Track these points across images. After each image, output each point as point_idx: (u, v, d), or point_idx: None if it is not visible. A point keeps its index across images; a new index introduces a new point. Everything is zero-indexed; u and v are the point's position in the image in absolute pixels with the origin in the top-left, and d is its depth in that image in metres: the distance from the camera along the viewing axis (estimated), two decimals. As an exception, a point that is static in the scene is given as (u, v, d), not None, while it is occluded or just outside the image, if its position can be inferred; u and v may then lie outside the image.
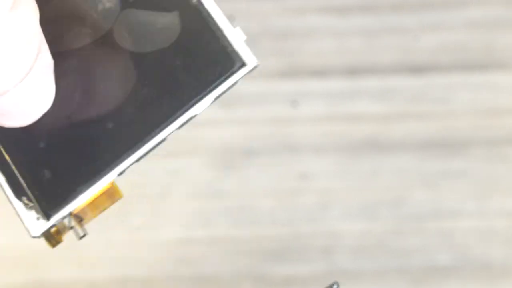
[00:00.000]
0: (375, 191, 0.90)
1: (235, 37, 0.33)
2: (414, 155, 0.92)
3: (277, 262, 0.88)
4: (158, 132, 0.34)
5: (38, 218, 0.35)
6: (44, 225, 0.34)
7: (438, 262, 0.88)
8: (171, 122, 0.34)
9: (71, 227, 0.36)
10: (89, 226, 0.97)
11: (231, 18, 0.33)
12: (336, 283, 0.36)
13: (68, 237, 0.94)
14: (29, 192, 0.35)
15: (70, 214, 0.36)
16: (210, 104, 0.34)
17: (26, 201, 0.36)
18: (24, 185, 0.35)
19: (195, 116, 0.34)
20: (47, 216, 0.35)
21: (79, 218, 0.36)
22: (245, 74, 0.33)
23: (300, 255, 0.88)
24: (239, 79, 0.33)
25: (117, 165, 0.34)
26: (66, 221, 0.36)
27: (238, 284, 0.88)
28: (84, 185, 0.34)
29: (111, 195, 0.37)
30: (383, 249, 0.88)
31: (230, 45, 0.33)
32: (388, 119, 0.93)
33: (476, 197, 0.90)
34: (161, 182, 0.91)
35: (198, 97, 0.33)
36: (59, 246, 0.36)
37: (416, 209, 0.90)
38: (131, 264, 0.89)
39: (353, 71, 0.95)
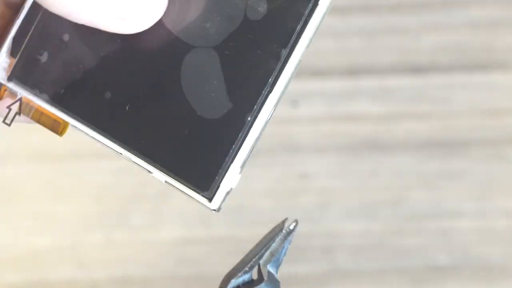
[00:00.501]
0: (375, 191, 0.90)
1: None
2: (414, 155, 0.92)
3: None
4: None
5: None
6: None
7: (437, 262, 0.88)
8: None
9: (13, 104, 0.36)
10: (89, 226, 0.97)
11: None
12: (296, 221, 0.37)
13: (69, 237, 0.94)
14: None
15: (21, 99, 0.36)
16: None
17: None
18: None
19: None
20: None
21: (21, 108, 0.37)
22: None
23: (300, 255, 0.88)
24: None
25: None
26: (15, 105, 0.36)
27: (238, 284, 0.87)
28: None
29: (55, 125, 0.37)
30: (383, 249, 0.88)
31: None
32: (388, 119, 0.93)
33: (476, 197, 0.90)
34: (161, 182, 0.91)
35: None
36: (59, 246, 0.36)
37: (415, 209, 0.90)
38: (131, 264, 0.89)
39: (353, 71, 0.95)
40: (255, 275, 0.35)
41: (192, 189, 0.37)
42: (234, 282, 0.34)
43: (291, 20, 0.36)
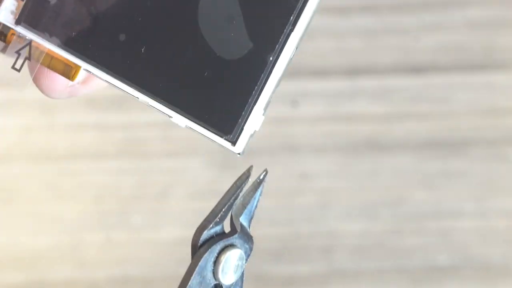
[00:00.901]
0: (375, 191, 0.90)
1: None
2: (414, 155, 0.92)
3: (277, 262, 0.88)
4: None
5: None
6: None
7: (437, 262, 0.88)
8: None
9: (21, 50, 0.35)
10: (89, 226, 0.97)
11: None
12: (266, 170, 0.37)
13: (69, 237, 0.94)
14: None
15: (30, 42, 0.35)
16: None
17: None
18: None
19: None
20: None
21: (30, 53, 0.35)
22: None
23: (300, 255, 0.88)
24: None
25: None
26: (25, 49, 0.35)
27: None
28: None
29: (67, 69, 0.36)
30: (383, 249, 0.89)
31: None
32: (388, 119, 0.93)
33: (476, 197, 0.90)
34: (161, 182, 0.91)
35: None
36: (59, 246, 0.36)
37: (415, 209, 0.90)
38: (131, 264, 0.89)
39: (353, 71, 0.95)
40: (227, 228, 0.35)
41: (215, 133, 0.35)
42: (206, 233, 0.34)
43: None
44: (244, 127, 0.35)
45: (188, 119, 0.36)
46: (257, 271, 0.88)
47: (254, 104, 0.35)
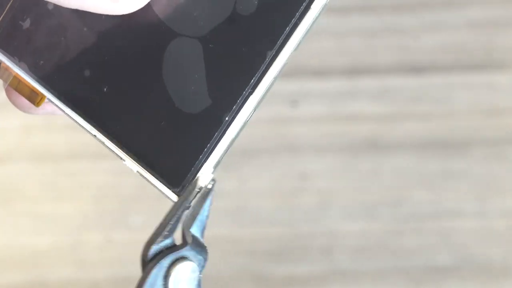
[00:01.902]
0: (375, 191, 0.90)
1: None
2: (414, 155, 0.92)
3: (277, 262, 0.88)
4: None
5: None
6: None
7: (438, 262, 0.88)
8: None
9: None
10: (89, 226, 0.97)
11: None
12: (214, 179, 0.36)
13: (69, 237, 0.94)
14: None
15: None
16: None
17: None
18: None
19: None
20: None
21: (0, 73, 0.36)
22: None
23: (300, 255, 0.88)
24: None
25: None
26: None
27: (238, 284, 0.88)
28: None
29: (32, 95, 0.36)
30: (383, 249, 0.89)
31: None
32: (388, 119, 0.93)
33: (476, 197, 0.90)
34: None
35: None
36: (59, 246, 0.36)
37: (416, 209, 0.90)
38: (131, 264, 0.89)
39: (353, 71, 0.95)
40: (179, 240, 0.34)
41: (163, 183, 0.35)
42: (155, 247, 0.33)
43: (281, 20, 0.33)
44: (192, 183, 0.35)
45: (140, 165, 0.35)
46: (257, 271, 0.88)
47: (205, 161, 0.34)
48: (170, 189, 0.35)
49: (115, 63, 0.34)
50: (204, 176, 0.35)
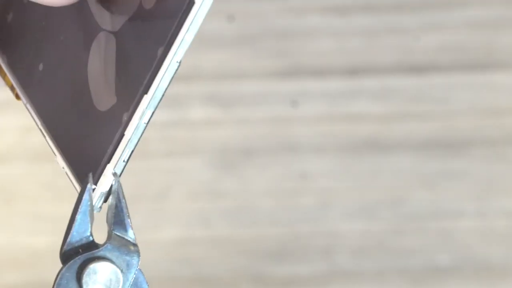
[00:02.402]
0: (375, 191, 0.90)
1: None
2: (414, 155, 0.92)
3: (277, 262, 0.88)
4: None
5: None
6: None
7: (438, 262, 0.88)
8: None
9: None
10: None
11: (231, 18, 0.33)
12: (115, 173, 0.34)
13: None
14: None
15: None
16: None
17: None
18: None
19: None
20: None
21: None
22: None
23: (300, 255, 0.88)
24: None
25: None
26: None
27: (238, 284, 0.88)
28: None
29: (13, 87, 0.36)
30: (383, 249, 0.88)
31: None
32: (388, 119, 0.93)
33: (476, 197, 0.90)
34: (161, 182, 0.91)
35: None
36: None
37: (416, 209, 0.90)
38: (131, 264, 0.89)
39: (353, 71, 0.95)
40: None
41: (78, 183, 0.35)
42: (70, 247, 0.32)
43: (170, 17, 0.32)
44: (97, 185, 0.34)
45: (64, 161, 0.35)
46: (257, 271, 0.88)
47: (107, 163, 0.33)
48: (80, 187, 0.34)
49: (57, 56, 0.34)
50: (106, 179, 0.33)
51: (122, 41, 0.33)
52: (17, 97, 0.36)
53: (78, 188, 0.34)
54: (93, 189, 0.34)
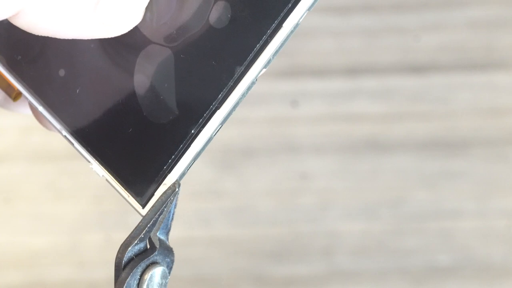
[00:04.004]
0: (375, 191, 0.91)
1: None
2: (414, 155, 0.92)
3: (277, 262, 0.88)
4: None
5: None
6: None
7: (438, 263, 0.88)
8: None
9: None
10: (89, 226, 0.97)
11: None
12: (178, 182, 0.35)
13: (69, 237, 0.94)
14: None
15: None
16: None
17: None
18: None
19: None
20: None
21: None
22: None
23: (300, 255, 0.88)
24: None
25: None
26: None
27: (238, 284, 0.88)
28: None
29: (9, 89, 0.36)
30: (383, 249, 0.89)
31: None
32: (388, 119, 0.93)
33: (476, 197, 0.90)
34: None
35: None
36: (59, 246, 0.36)
37: (416, 209, 0.90)
38: (131, 264, 0.89)
39: (353, 71, 0.95)
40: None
41: (127, 191, 0.34)
42: (130, 250, 0.32)
43: (252, 37, 0.33)
44: (155, 194, 0.34)
45: (106, 170, 0.35)
46: (257, 271, 0.88)
47: (168, 173, 0.33)
48: (133, 197, 0.34)
49: (89, 65, 0.34)
50: (166, 185, 0.34)
51: (184, 56, 0.33)
52: (15, 98, 0.36)
53: (124, 194, 0.34)
54: (151, 198, 0.34)
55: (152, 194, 0.33)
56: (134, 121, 0.34)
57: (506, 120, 0.93)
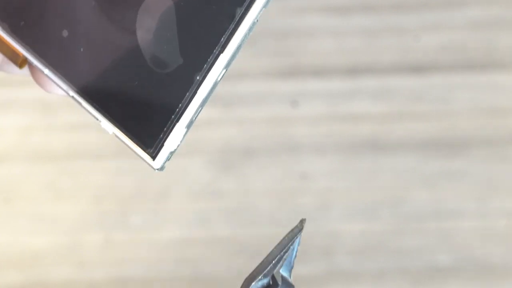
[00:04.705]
0: (375, 191, 0.90)
1: None
2: (414, 155, 0.92)
3: (277, 262, 0.88)
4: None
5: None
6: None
7: (438, 263, 0.88)
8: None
9: None
10: (89, 226, 0.97)
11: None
12: (303, 219, 0.35)
13: (69, 238, 0.94)
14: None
15: None
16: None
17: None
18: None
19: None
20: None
21: None
22: None
23: (300, 255, 0.88)
24: None
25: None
26: None
27: (238, 284, 0.87)
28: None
29: (14, 56, 0.36)
30: (383, 249, 0.88)
31: None
32: (388, 119, 0.93)
33: (476, 197, 0.90)
34: (161, 182, 0.91)
35: None
36: (59, 246, 0.36)
37: (416, 209, 0.90)
38: (131, 264, 0.89)
39: (353, 71, 0.95)
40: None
41: (137, 145, 0.34)
42: (254, 286, 0.33)
43: None
44: (165, 144, 0.34)
45: (115, 126, 0.35)
46: (257, 271, 0.88)
47: (177, 121, 0.33)
48: (143, 149, 0.35)
49: (92, 23, 0.34)
50: (177, 136, 0.34)
51: (184, 3, 0.33)
52: (21, 65, 0.36)
53: (135, 148, 0.34)
54: (161, 149, 0.34)
55: (162, 145, 0.34)
56: (139, 73, 0.34)
57: (506, 120, 0.93)
